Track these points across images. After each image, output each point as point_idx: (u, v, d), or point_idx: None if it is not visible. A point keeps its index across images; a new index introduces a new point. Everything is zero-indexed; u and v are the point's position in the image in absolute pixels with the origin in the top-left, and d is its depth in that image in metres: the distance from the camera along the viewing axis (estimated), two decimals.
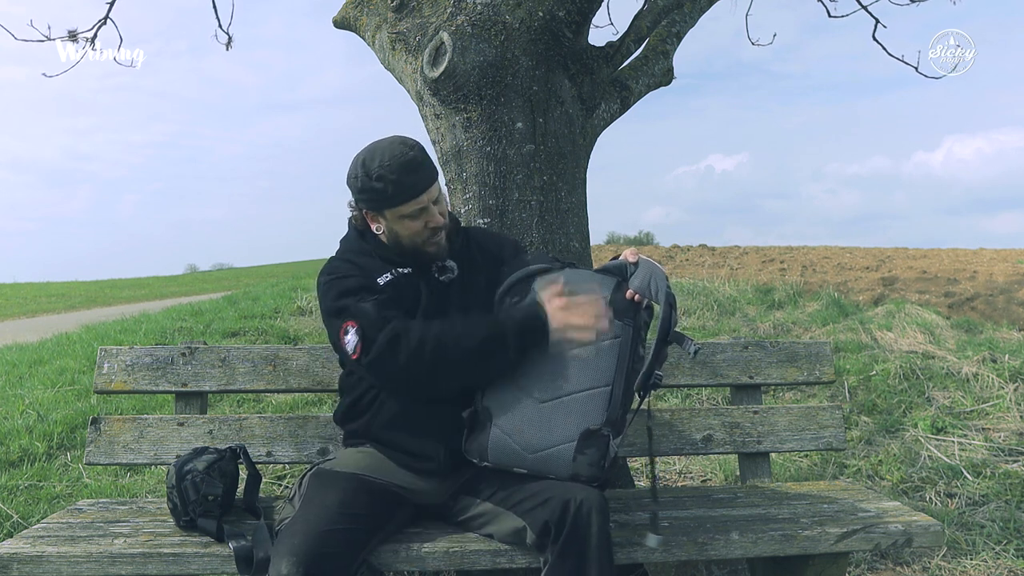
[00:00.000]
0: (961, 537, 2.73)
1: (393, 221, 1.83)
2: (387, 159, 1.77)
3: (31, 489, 3.23)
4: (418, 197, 1.79)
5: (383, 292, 1.81)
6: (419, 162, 1.80)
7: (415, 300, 1.85)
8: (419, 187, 1.79)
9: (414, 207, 1.80)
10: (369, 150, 1.81)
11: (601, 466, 1.68)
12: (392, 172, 1.76)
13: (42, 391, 4.62)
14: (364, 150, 1.83)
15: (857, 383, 4.54)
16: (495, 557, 1.71)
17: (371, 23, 2.93)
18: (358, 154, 1.83)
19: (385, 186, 1.77)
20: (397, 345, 1.70)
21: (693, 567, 2.53)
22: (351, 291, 1.80)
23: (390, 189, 1.77)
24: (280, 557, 1.53)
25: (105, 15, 3.74)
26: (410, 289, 1.86)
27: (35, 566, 1.68)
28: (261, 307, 7.33)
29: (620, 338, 1.73)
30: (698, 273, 10.91)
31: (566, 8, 2.43)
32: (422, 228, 1.83)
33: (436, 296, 1.87)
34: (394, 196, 1.78)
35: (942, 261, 13.33)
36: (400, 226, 1.83)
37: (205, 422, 2.20)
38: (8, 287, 21.71)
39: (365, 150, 1.82)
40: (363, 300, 1.77)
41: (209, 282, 22.32)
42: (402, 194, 1.78)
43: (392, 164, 1.77)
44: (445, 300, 1.88)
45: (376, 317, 1.73)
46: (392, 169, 1.76)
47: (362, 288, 1.80)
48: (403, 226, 1.83)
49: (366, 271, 1.85)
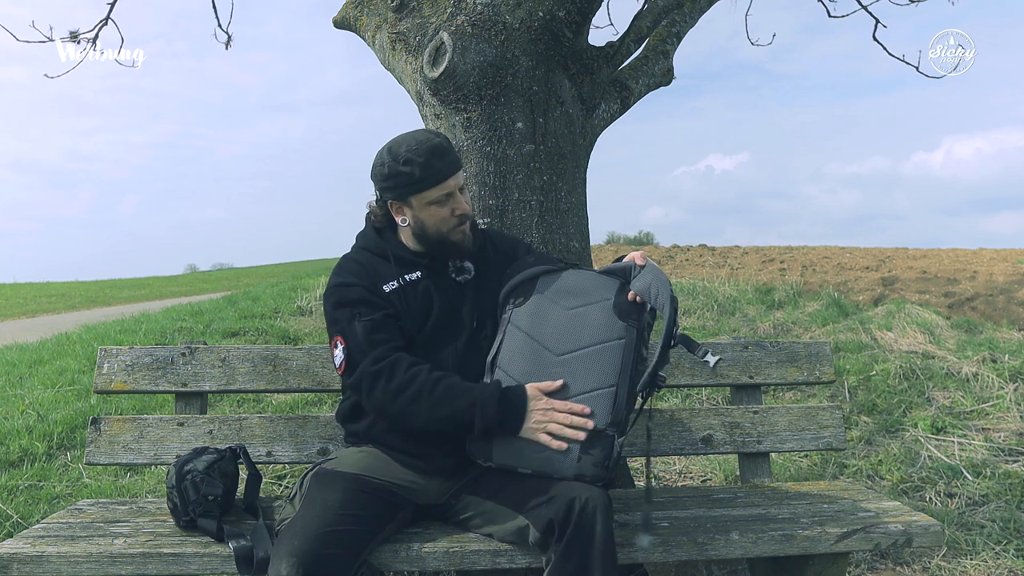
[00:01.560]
0: (961, 537, 2.73)
1: (420, 208, 1.84)
2: (414, 144, 1.80)
3: (31, 489, 3.23)
4: (445, 181, 1.81)
5: (383, 307, 1.81)
6: (445, 148, 1.82)
7: (425, 306, 1.85)
8: (446, 171, 1.81)
9: (441, 192, 1.82)
10: (395, 140, 1.85)
11: (606, 466, 1.68)
12: (420, 155, 1.79)
13: (42, 391, 4.62)
14: (389, 142, 1.87)
15: (857, 383, 4.54)
16: (495, 557, 1.71)
17: (371, 23, 2.93)
18: (383, 147, 1.87)
19: (413, 169, 1.79)
20: (378, 380, 1.74)
21: (693, 567, 2.53)
22: (350, 303, 1.81)
23: (418, 172, 1.79)
24: (280, 557, 1.53)
25: (106, 15, 3.74)
26: (418, 295, 1.86)
27: (35, 566, 1.68)
28: (261, 307, 7.33)
29: (624, 340, 1.73)
30: (698, 273, 10.91)
31: (566, 8, 2.43)
32: (449, 215, 1.84)
33: (450, 298, 1.87)
34: (422, 180, 1.80)
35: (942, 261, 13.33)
36: (426, 213, 1.84)
37: (205, 422, 2.20)
38: (8, 287, 21.71)
39: (390, 141, 1.86)
40: (358, 318, 1.79)
41: (209, 282, 22.33)
42: (430, 178, 1.80)
43: (420, 148, 1.79)
44: (460, 301, 1.87)
45: (364, 342, 1.76)
46: (420, 153, 1.79)
47: (361, 302, 1.81)
48: (429, 213, 1.84)
49: (374, 277, 1.85)
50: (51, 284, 23.02)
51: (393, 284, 1.85)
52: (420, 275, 1.87)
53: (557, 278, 1.85)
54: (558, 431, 1.68)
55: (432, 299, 1.86)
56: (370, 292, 1.83)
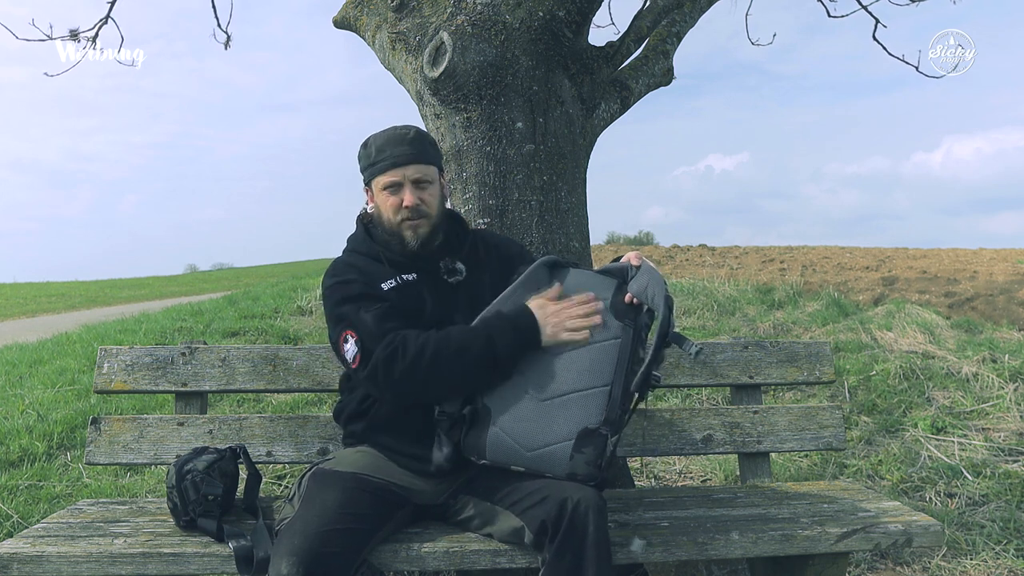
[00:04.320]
0: (961, 537, 2.73)
1: (377, 193, 1.90)
2: (384, 131, 1.89)
3: (31, 489, 3.23)
4: (396, 169, 1.85)
5: (386, 299, 1.81)
6: (408, 138, 1.87)
7: (418, 306, 1.85)
8: (400, 160, 1.85)
9: (391, 178, 1.85)
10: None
11: (598, 465, 1.68)
12: (379, 140, 1.88)
13: (42, 391, 4.62)
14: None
15: (857, 383, 4.54)
16: (495, 557, 1.71)
17: (371, 23, 2.93)
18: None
19: (370, 151, 1.88)
20: (393, 360, 1.72)
21: (693, 567, 2.53)
22: (353, 298, 1.81)
23: (373, 154, 1.87)
24: (280, 557, 1.53)
25: (106, 14, 3.75)
26: (413, 296, 1.86)
27: (35, 566, 1.68)
28: (261, 307, 7.33)
29: (620, 339, 1.73)
30: (698, 273, 10.90)
31: (566, 8, 2.43)
32: (398, 204, 1.85)
33: (442, 300, 1.87)
34: (375, 163, 1.87)
35: (942, 261, 13.33)
36: (380, 199, 1.89)
37: (205, 422, 2.20)
38: (8, 287, 21.72)
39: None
40: (365, 309, 1.78)
41: (209, 282, 22.33)
42: (381, 162, 1.86)
43: (384, 135, 1.89)
44: (452, 303, 1.87)
45: (376, 330, 1.75)
46: (380, 138, 1.88)
47: (364, 296, 1.81)
48: (382, 200, 1.88)
49: (369, 275, 1.86)
50: (51, 284, 23.02)
51: (391, 283, 1.86)
52: (415, 276, 1.88)
53: (556, 278, 1.85)
54: (577, 324, 1.72)
55: (424, 300, 1.86)
56: (370, 287, 1.84)
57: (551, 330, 1.72)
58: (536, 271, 1.84)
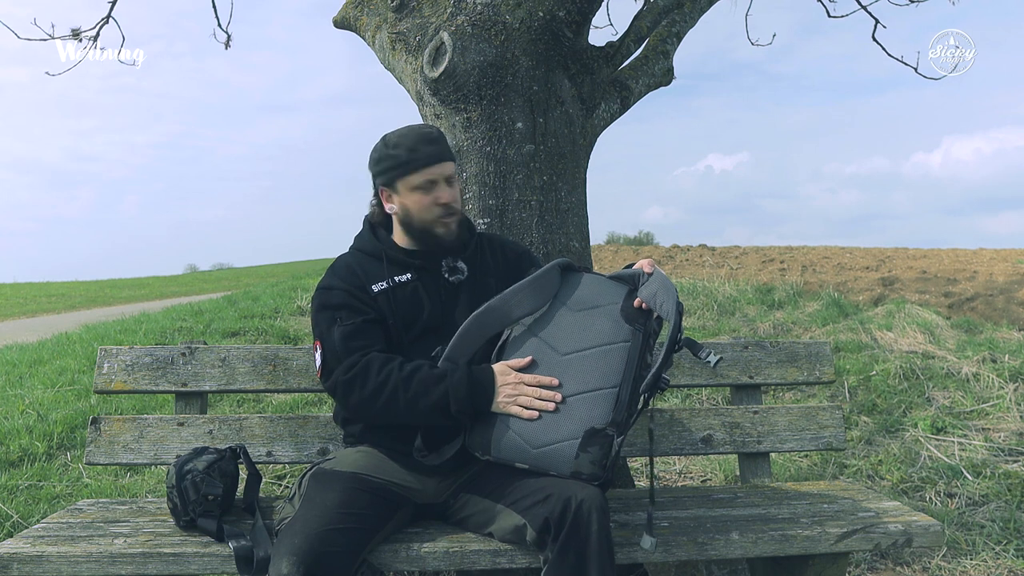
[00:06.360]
0: (961, 537, 2.73)
1: (405, 195, 1.87)
2: (406, 131, 1.88)
3: (31, 489, 3.23)
4: (430, 167, 1.84)
5: (364, 311, 1.83)
6: (435, 137, 1.87)
7: (414, 307, 1.85)
8: (432, 158, 1.84)
9: (425, 177, 1.84)
10: (393, 131, 1.91)
11: (603, 465, 1.68)
12: (408, 140, 1.86)
13: (42, 391, 4.62)
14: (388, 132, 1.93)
15: (857, 383, 4.54)
16: (495, 557, 1.71)
17: (371, 23, 2.93)
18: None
19: (399, 152, 1.85)
20: (351, 389, 1.76)
21: (693, 567, 2.53)
22: (331, 307, 1.84)
23: (404, 155, 1.84)
24: (280, 557, 1.53)
25: (107, 14, 3.75)
26: (407, 297, 1.86)
27: (35, 566, 1.68)
28: (261, 307, 7.33)
29: (630, 343, 1.75)
30: (698, 273, 10.91)
31: (566, 8, 2.43)
32: (432, 203, 1.85)
33: (443, 299, 1.88)
34: (408, 162, 1.84)
35: (942, 261, 13.33)
36: (411, 200, 1.86)
37: (205, 422, 2.20)
38: (8, 287, 21.71)
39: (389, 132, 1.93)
40: (338, 323, 1.81)
41: (209, 282, 22.33)
42: (414, 161, 1.84)
43: (409, 134, 1.86)
44: (453, 302, 1.88)
45: (340, 348, 1.79)
46: (408, 138, 1.86)
47: (343, 306, 1.83)
48: (414, 200, 1.86)
49: (363, 278, 1.87)
50: (51, 284, 23.02)
51: (382, 284, 1.86)
52: (410, 276, 1.88)
53: (568, 282, 1.86)
54: (527, 403, 1.71)
55: (422, 301, 1.86)
56: (354, 296, 1.84)
57: (503, 400, 1.73)
58: (549, 273, 1.84)
